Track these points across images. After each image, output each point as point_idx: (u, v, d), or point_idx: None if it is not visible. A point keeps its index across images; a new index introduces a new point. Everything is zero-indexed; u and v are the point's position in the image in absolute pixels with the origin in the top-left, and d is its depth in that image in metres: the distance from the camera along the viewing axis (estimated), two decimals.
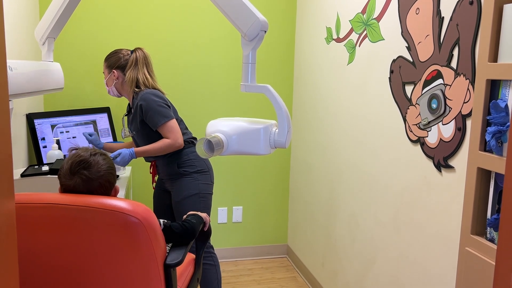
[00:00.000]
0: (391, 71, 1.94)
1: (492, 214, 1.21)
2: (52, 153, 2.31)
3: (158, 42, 2.91)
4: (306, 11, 2.93)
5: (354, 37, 2.29)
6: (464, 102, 1.50)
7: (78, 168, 1.38)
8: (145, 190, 2.96)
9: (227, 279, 2.96)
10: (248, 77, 1.31)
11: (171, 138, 2.09)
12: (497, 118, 1.16)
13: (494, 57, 1.18)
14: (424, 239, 1.74)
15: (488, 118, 1.19)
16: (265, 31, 1.30)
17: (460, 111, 1.52)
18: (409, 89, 1.81)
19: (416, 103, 1.76)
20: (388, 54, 1.96)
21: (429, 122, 1.69)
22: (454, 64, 1.55)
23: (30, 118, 2.52)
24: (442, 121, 1.62)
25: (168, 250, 1.49)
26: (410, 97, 1.80)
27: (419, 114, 1.74)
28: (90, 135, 2.28)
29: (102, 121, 2.78)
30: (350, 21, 2.32)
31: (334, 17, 2.50)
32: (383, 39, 2.00)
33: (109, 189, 1.44)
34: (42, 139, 2.55)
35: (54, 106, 2.81)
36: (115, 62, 2.18)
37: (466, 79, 1.49)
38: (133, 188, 2.97)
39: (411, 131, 1.80)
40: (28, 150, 2.57)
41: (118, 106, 2.86)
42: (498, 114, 1.15)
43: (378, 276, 2.07)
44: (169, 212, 2.33)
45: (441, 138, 1.63)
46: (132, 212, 1.30)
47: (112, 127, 2.81)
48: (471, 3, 1.46)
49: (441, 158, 1.63)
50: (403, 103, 1.85)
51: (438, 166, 1.65)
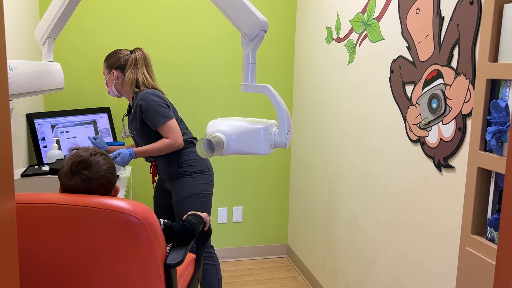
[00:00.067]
0: (391, 71, 1.94)
1: (492, 214, 1.21)
2: (52, 153, 2.31)
3: (158, 42, 2.91)
4: (306, 11, 2.93)
5: (354, 37, 2.29)
6: (464, 102, 1.50)
7: (79, 168, 1.39)
8: (145, 190, 2.96)
9: (227, 279, 2.96)
10: (248, 77, 1.31)
11: (171, 138, 2.09)
12: (497, 118, 1.16)
13: (494, 56, 1.18)
14: (424, 239, 1.74)
15: (488, 117, 1.19)
16: (265, 31, 1.30)
17: (460, 111, 1.52)
18: (409, 89, 1.81)
19: (416, 103, 1.76)
20: (388, 54, 1.96)
21: (429, 122, 1.69)
22: (454, 64, 1.55)
23: (30, 118, 2.52)
24: (442, 121, 1.61)
25: (168, 250, 1.49)
26: (410, 97, 1.80)
27: (419, 114, 1.74)
28: (95, 139, 2.29)
29: (102, 121, 2.78)
30: (350, 21, 2.32)
31: (334, 17, 2.50)
32: (383, 39, 2.00)
33: (109, 189, 1.44)
34: (42, 139, 2.55)
35: (54, 106, 2.81)
36: (115, 63, 2.19)
37: (467, 79, 1.49)
38: (133, 188, 2.97)
39: (411, 131, 1.80)
40: (28, 150, 2.57)
41: (118, 106, 2.87)
42: (499, 113, 1.15)
43: (378, 276, 2.07)
44: (169, 212, 2.33)
45: (441, 138, 1.63)
46: (132, 212, 1.30)
47: (112, 127, 2.81)
48: (471, 3, 1.46)
49: (441, 158, 1.63)
50: (403, 103, 1.85)
51: (438, 166, 1.65)
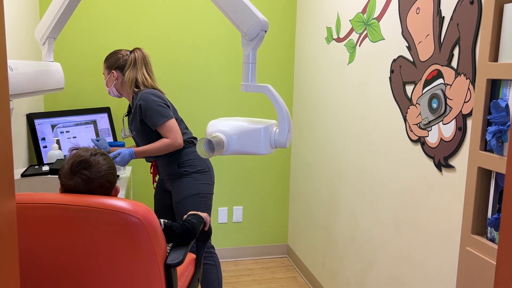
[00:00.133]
0: (392, 71, 1.94)
1: (492, 214, 1.21)
2: (52, 153, 2.31)
3: (159, 42, 2.91)
4: (306, 11, 2.93)
5: (354, 36, 2.28)
6: (464, 102, 1.50)
7: (79, 168, 1.39)
8: (145, 190, 2.96)
9: (228, 279, 2.96)
10: (248, 77, 1.31)
11: (170, 137, 2.09)
12: (497, 118, 1.16)
13: (494, 56, 1.18)
14: (424, 239, 1.74)
15: (488, 117, 1.19)
16: (265, 31, 1.30)
17: (460, 111, 1.52)
18: (409, 88, 1.81)
19: (416, 103, 1.76)
20: (388, 54, 1.96)
21: (429, 122, 1.69)
22: (454, 63, 1.55)
23: (31, 118, 2.52)
24: (442, 120, 1.61)
25: (168, 250, 1.49)
26: (410, 96, 1.80)
27: (420, 113, 1.74)
28: (98, 140, 2.30)
29: (102, 121, 2.78)
30: (350, 21, 2.32)
31: (334, 17, 2.50)
32: (384, 39, 2.00)
33: (109, 189, 1.44)
34: (42, 139, 2.55)
35: (55, 106, 2.81)
36: (114, 63, 2.19)
37: (467, 79, 1.49)
38: (133, 188, 2.98)
39: (412, 131, 1.80)
40: (28, 150, 2.57)
41: (118, 106, 2.87)
42: (499, 113, 1.15)
43: (379, 275, 2.07)
44: (170, 212, 2.33)
45: (441, 138, 1.63)
46: (132, 212, 1.30)
47: (112, 127, 2.81)
48: (472, 3, 1.46)
49: (441, 157, 1.63)
50: (404, 103, 1.85)
51: (439, 166, 1.65)
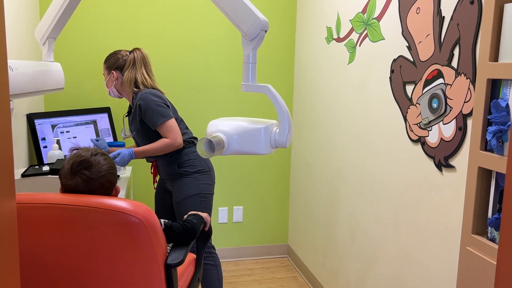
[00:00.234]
0: (392, 71, 1.94)
1: (493, 214, 1.21)
2: (52, 153, 2.32)
3: (159, 41, 2.91)
4: (306, 11, 2.93)
5: (354, 36, 2.28)
6: (464, 102, 1.50)
7: (79, 168, 1.38)
8: (145, 190, 2.96)
9: (228, 279, 2.96)
10: (248, 76, 1.31)
11: (170, 137, 2.09)
12: (498, 118, 1.16)
13: (495, 56, 1.18)
14: (425, 239, 1.74)
15: (489, 117, 1.19)
16: (265, 31, 1.30)
17: (460, 111, 1.52)
18: (409, 88, 1.81)
19: (416, 103, 1.76)
20: (388, 54, 1.96)
21: (429, 122, 1.69)
22: (454, 63, 1.55)
23: (31, 118, 2.52)
24: (442, 120, 1.61)
25: (169, 250, 1.49)
26: (410, 96, 1.80)
27: (420, 113, 1.74)
28: (97, 140, 2.30)
29: (102, 121, 2.78)
30: (350, 20, 2.32)
31: (335, 16, 2.50)
32: (384, 39, 2.00)
33: (110, 189, 1.44)
34: (42, 139, 2.55)
35: (55, 106, 2.81)
36: (114, 63, 2.19)
37: (467, 79, 1.49)
38: (133, 188, 2.97)
39: (412, 131, 1.80)
40: (28, 150, 2.57)
41: (118, 106, 2.87)
42: (499, 113, 1.15)
43: (379, 275, 2.07)
44: (170, 212, 2.33)
45: (441, 138, 1.63)
46: (133, 212, 1.30)
47: (112, 127, 2.81)
48: (472, 3, 1.46)
49: (441, 157, 1.63)
50: (404, 103, 1.85)
51: (439, 166, 1.65)
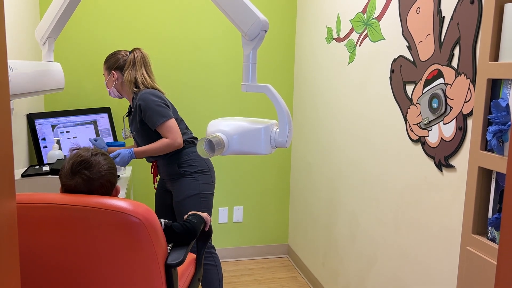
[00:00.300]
0: (392, 71, 1.94)
1: (493, 214, 1.21)
2: (52, 153, 2.31)
3: (159, 41, 2.91)
4: (307, 11, 2.93)
5: (354, 36, 2.28)
6: (465, 102, 1.50)
7: (79, 168, 1.38)
8: (145, 190, 2.96)
9: (228, 279, 2.95)
10: (248, 76, 1.31)
11: (170, 137, 2.09)
12: (498, 118, 1.15)
13: (495, 56, 1.18)
14: (425, 239, 1.74)
15: (489, 117, 1.19)
16: (265, 31, 1.30)
17: (461, 111, 1.52)
18: (409, 88, 1.81)
19: (417, 103, 1.76)
20: (388, 54, 1.96)
21: (430, 122, 1.69)
22: (455, 63, 1.55)
23: (31, 118, 2.52)
24: (443, 120, 1.61)
25: (169, 250, 1.49)
26: (410, 96, 1.80)
27: (420, 113, 1.74)
28: (95, 140, 2.30)
29: (102, 121, 2.78)
30: (350, 20, 2.32)
31: (335, 16, 2.50)
32: (384, 39, 2.00)
33: (110, 189, 1.44)
34: (42, 139, 2.55)
35: (55, 106, 2.81)
36: (114, 63, 2.19)
37: (467, 79, 1.49)
38: (133, 188, 2.97)
39: (412, 131, 1.80)
40: (28, 150, 2.57)
41: (118, 106, 2.87)
42: (499, 113, 1.15)
43: (379, 275, 2.07)
44: (170, 212, 2.32)
45: (442, 138, 1.62)
46: (133, 212, 1.30)
47: (112, 127, 2.81)
48: (472, 2, 1.46)
49: (442, 157, 1.63)
50: (404, 103, 1.85)
51: (439, 166, 1.65)
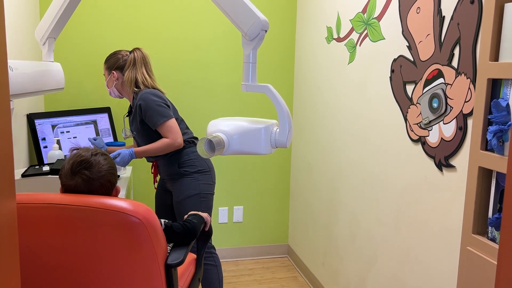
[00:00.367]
0: (392, 71, 1.94)
1: (493, 213, 1.21)
2: (52, 153, 2.31)
3: (159, 41, 2.91)
4: (307, 11, 2.93)
5: (354, 36, 2.28)
6: (465, 101, 1.50)
7: (79, 168, 1.38)
8: (146, 190, 2.96)
9: (228, 279, 2.95)
10: (249, 76, 1.31)
11: (170, 137, 2.09)
12: (498, 117, 1.15)
13: (495, 56, 1.18)
14: (425, 239, 1.74)
15: (489, 117, 1.19)
16: (265, 31, 1.30)
17: (461, 110, 1.52)
18: (410, 88, 1.81)
19: (417, 103, 1.76)
20: (388, 54, 1.96)
21: (430, 122, 1.69)
22: (455, 63, 1.55)
23: (31, 118, 2.52)
24: (443, 120, 1.61)
25: (169, 250, 1.49)
26: (411, 96, 1.80)
27: (420, 113, 1.74)
28: (95, 139, 2.30)
29: (102, 121, 2.78)
30: (350, 20, 2.32)
31: (335, 16, 2.50)
32: (384, 39, 2.00)
33: (110, 189, 1.44)
34: (42, 139, 2.55)
35: (55, 106, 2.81)
36: (114, 63, 2.19)
37: (467, 78, 1.49)
38: (134, 188, 2.97)
39: (412, 131, 1.80)
40: (28, 150, 2.57)
41: (118, 106, 2.86)
42: (500, 113, 1.15)
43: (379, 275, 2.07)
44: (170, 212, 2.32)
45: (442, 138, 1.62)
46: (133, 212, 1.30)
47: (112, 127, 2.81)
48: (472, 2, 1.46)
49: (442, 157, 1.63)
50: (404, 103, 1.85)
51: (439, 166, 1.65)
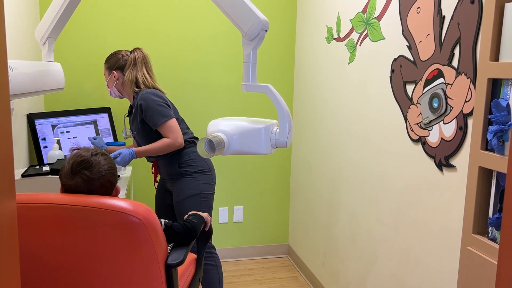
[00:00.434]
0: (392, 71, 1.94)
1: (493, 213, 1.20)
2: (52, 153, 2.31)
3: (159, 41, 2.91)
4: (307, 11, 2.93)
5: (354, 36, 2.28)
6: (465, 101, 1.50)
7: (79, 168, 1.38)
8: (146, 190, 2.96)
9: (228, 279, 2.95)
10: (249, 76, 1.31)
11: (171, 137, 2.09)
12: (498, 117, 1.15)
13: (495, 56, 1.18)
14: (425, 238, 1.74)
15: (489, 117, 1.19)
16: (266, 31, 1.30)
17: (461, 110, 1.52)
18: (410, 88, 1.81)
19: (417, 102, 1.76)
20: (389, 53, 1.96)
21: (430, 121, 1.68)
22: (455, 63, 1.55)
23: (31, 118, 2.52)
24: (443, 120, 1.61)
25: (169, 250, 1.49)
26: (411, 96, 1.80)
27: (420, 113, 1.74)
28: (95, 139, 2.30)
29: (102, 121, 2.78)
30: (350, 20, 2.32)
31: (335, 16, 2.50)
32: (384, 38, 2.00)
33: (110, 189, 1.44)
34: (42, 139, 2.55)
35: (55, 106, 2.81)
36: (115, 63, 2.19)
37: (468, 78, 1.49)
38: (134, 188, 2.97)
39: (412, 131, 1.80)
40: (28, 150, 2.57)
41: (118, 106, 2.86)
42: (500, 113, 1.15)
43: (379, 275, 2.07)
44: (171, 212, 2.32)
45: (442, 137, 1.62)
46: (133, 212, 1.30)
47: (112, 127, 2.81)
48: (472, 2, 1.46)
49: (442, 157, 1.63)
50: (404, 102, 1.85)
51: (440, 165, 1.65)
